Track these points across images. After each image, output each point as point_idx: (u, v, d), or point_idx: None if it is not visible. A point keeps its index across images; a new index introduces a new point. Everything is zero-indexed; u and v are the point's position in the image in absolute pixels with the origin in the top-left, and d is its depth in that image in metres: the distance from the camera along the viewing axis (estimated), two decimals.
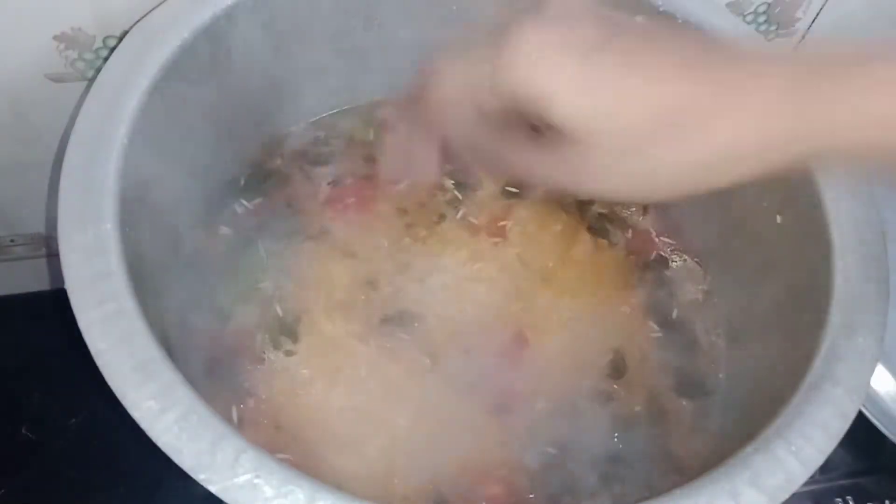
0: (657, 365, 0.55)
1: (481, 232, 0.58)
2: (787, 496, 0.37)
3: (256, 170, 0.59)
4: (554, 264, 0.58)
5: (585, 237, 0.59)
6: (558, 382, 0.52)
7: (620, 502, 0.49)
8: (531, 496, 0.48)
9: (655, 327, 0.56)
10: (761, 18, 0.64)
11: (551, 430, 0.51)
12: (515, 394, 0.52)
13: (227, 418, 0.48)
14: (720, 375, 0.55)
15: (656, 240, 0.61)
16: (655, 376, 0.54)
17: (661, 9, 0.55)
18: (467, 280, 0.56)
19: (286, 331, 0.52)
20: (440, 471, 0.49)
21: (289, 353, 0.51)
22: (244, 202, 0.57)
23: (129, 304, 0.38)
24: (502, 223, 0.59)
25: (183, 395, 0.36)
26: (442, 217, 0.59)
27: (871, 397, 0.57)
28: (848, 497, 0.61)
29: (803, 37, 0.67)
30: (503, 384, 0.52)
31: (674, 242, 0.60)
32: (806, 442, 0.39)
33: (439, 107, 0.36)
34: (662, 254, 0.60)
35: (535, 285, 0.56)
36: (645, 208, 0.61)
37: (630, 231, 0.61)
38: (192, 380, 0.37)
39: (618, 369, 0.54)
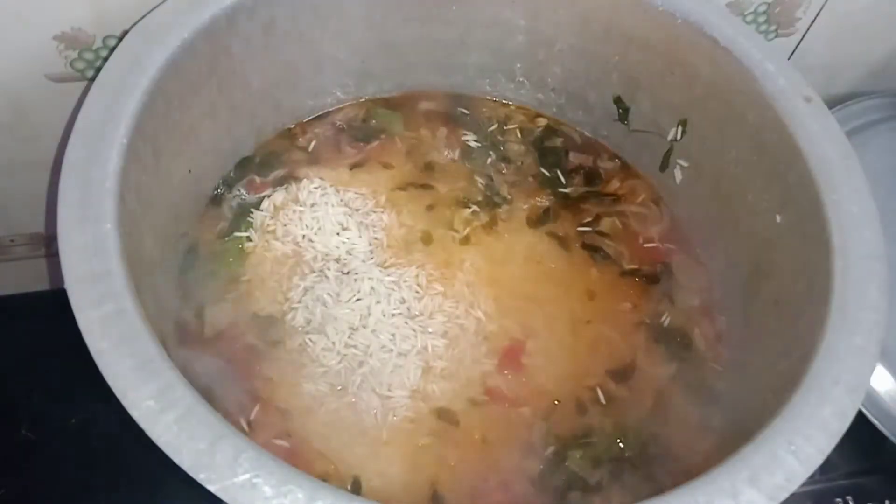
0: (657, 365, 0.55)
1: (481, 244, 0.58)
2: (786, 495, 0.37)
3: (256, 169, 0.59)
4: (554, 267, 0.58)
5: (583, 249, 0.59)
6: (556, 387, 0.52)
7: (628, 496, 0.49)
8: (533, 498, 0.48)
9: (657, 325, 0.56)
10: (761, 18, 0.64)
11: (552, 433, 0.51)
12: (514, 399, 0.52)
13: (225, 415, 0.48)
14: (721, 374, 0.55)
15: (654, 234, 0.61)
16: (656, 377, 0.54)
17: (660, 8, 0.55)
18: (468, 287, 0.56)
19: (284, 328, 0.52)
20: (439, 476, 0.49)
21: (288, 348, 0.51)
22: (243, 201, 0.57)
23: (129, 304, 0.38)
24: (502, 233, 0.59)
25: (183, 395, 0.36)
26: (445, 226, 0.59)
27: (871, 397, 0.57)
28: (848, 497, 0.61)
29: (803, 37, 0.67)
30: (501, 389, 0.52)
31: (672, 239, 0.60)
32: (806, 441, 0.39)
33: None
34: (660, 246, 0.60)
35: (537, 289, 0.56)
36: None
37: (628, 231, 0.60)
38: (190, 378, 0.37)
39: (620, 373, 0.54)
